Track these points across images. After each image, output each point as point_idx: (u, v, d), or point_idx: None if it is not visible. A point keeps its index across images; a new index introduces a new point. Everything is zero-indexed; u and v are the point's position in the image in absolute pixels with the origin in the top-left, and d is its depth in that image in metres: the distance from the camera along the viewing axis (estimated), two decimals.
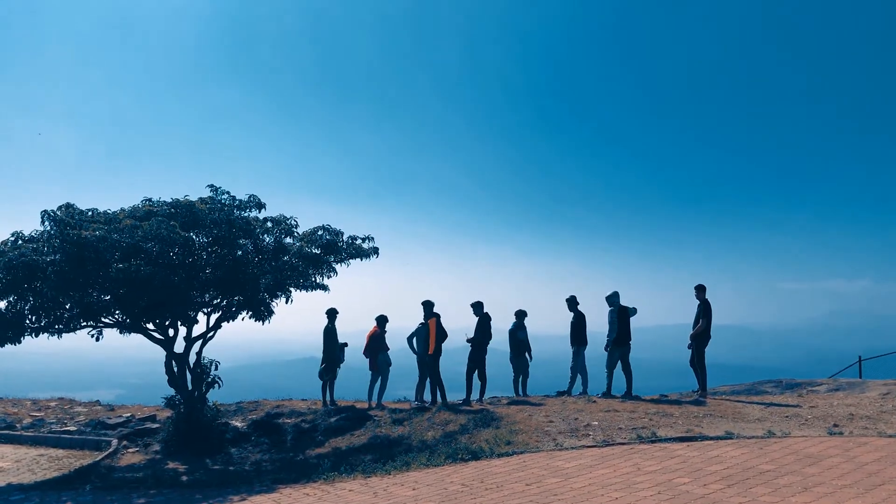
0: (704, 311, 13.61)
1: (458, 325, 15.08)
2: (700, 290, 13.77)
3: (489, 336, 14.50)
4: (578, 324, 14.76)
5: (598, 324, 14.95)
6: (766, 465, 7.28)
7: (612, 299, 14.25)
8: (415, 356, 14.97)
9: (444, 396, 14.32)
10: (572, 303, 14.96)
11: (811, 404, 12.14)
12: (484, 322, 14.49)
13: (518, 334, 15.23)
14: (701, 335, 13.57)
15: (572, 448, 9.21)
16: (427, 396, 14.93)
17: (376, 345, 14.96)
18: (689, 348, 13.75)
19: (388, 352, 15.14)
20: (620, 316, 14.06)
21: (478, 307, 14.61)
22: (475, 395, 14.47)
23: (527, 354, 15.28)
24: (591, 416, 11.36)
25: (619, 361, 14.06)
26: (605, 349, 14.05)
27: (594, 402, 12.91)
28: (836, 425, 9.83)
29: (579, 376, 14.80)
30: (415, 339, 14.88)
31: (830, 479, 6.46)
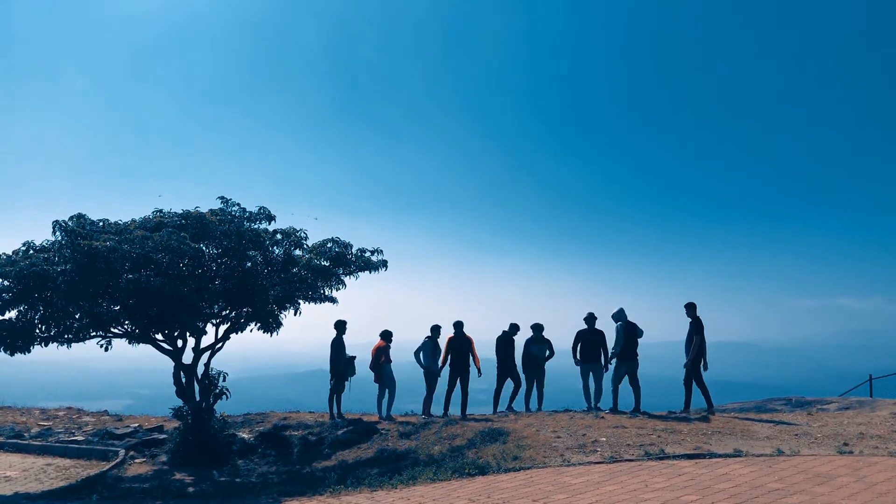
0: (697, 328, 13.68)
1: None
2: (691, 307, 13.86)
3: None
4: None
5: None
6: (774, 483, 7.23)
7: (619, 316, 14.26)
8: (422, 370, 15.08)
9: (464, 408, 14.82)
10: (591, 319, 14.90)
11: (821, 423, 12.06)
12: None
13: (531, 348, 15.20)
14: (698, 354, 13.66)
15: (580, 464, 9.17)
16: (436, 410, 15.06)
17: (381, 358, 15.07)
18: (684, 367, 13.82)
19: (392, 364, 15.27)
20: (628, 331, 14.07)
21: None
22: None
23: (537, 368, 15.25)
24: (599, 432, 11.31)
25: (627, 377, 14.09)
26: (609, 362, 14.07)
27: (602, 417, 12.87)
28: (846, 444, 9.75)
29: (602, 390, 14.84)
30: (421, 353, 15.00)
31: (840, 499, 6.41)
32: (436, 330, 15.29)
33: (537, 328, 15.40)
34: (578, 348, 14.72)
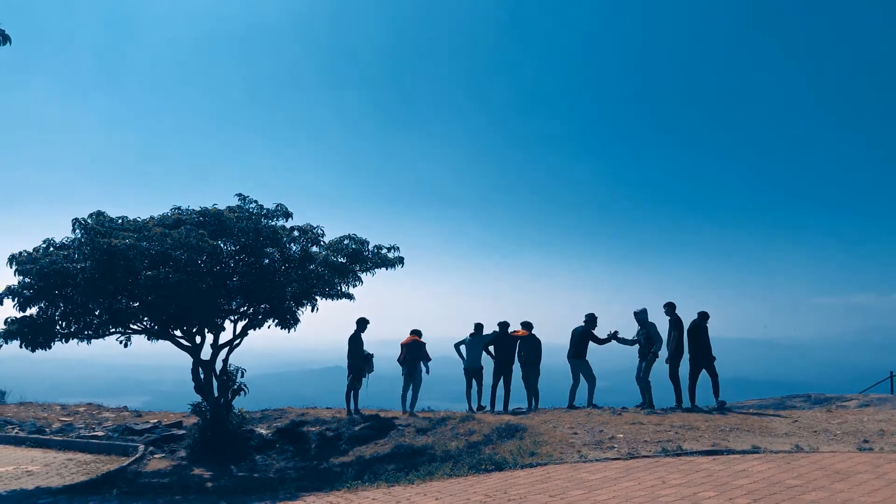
0: (676, 326, 13.88)
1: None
2: (670, 307, 14.08)
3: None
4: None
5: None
6: (793, 480, 7.19)
7: (642, 316, 14.24)
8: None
9: (506, 403, 15.22)
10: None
11: (841, 419, 11.97)
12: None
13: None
14: (675, 352, 13.83)
15: (597, 460, 9.16)
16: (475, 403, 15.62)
17: (418, 354, 15.37)
18: (666, 362, 13.94)
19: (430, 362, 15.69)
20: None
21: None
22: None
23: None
24: (616, 428, 11.28)
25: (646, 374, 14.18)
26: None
27: (619, 414, 12.84)
28: (866, 441, 9.68)
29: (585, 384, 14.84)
30: (464, 350, 15.31)
31: (859, 496, 6.37)
32: (479, 328, 15.48)
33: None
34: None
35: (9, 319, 11.57)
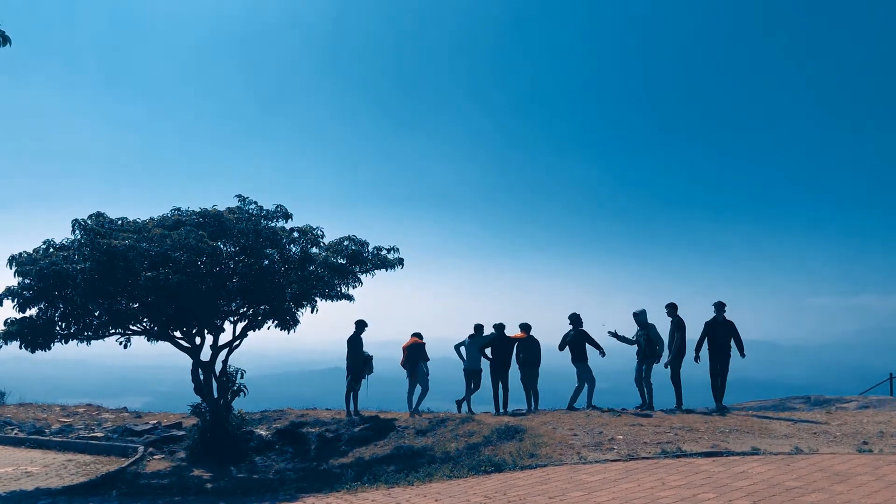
0: (678, 328, 13.86)
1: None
2: (672, 308, 14.07)
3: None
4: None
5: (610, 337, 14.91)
6: (792, 481, 7.18)
7: (642, 317, 14.24)
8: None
9: (505, 404, 15.15)
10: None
11: (840, 421, 11.97)
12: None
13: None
14: (677, 353, 13.80)
15: (596, 462, 9.15)
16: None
17: (417, 355, 15.34)
18: (665, 367, 13.92)
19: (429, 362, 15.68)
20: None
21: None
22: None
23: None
24: (616, 429, 11.28)
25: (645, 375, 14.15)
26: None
27: (619, 415, 12.83)
28: (865, 443, 9.68)
29: (587, 385, 14.79)
30: (464, 351, 15.29)
31: (859, 498, 6.37)
32: (478, 329, 15.46)
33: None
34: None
35: (8, 320, 11.57)
